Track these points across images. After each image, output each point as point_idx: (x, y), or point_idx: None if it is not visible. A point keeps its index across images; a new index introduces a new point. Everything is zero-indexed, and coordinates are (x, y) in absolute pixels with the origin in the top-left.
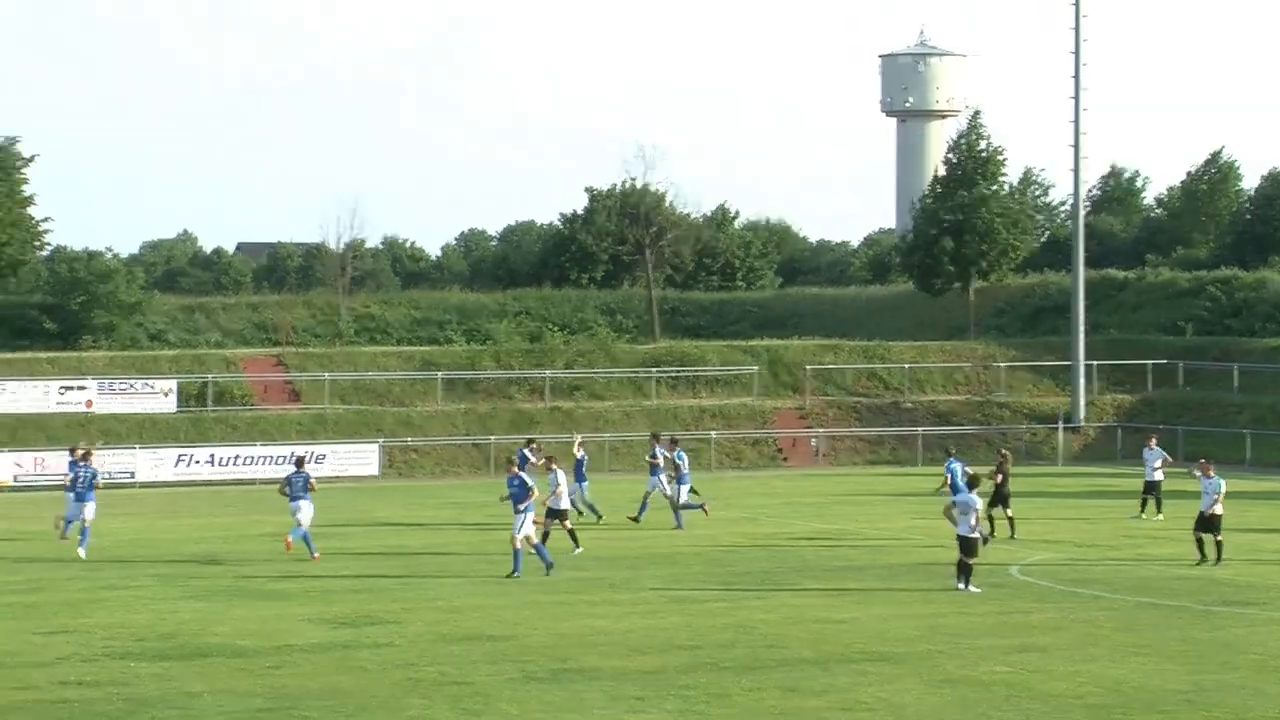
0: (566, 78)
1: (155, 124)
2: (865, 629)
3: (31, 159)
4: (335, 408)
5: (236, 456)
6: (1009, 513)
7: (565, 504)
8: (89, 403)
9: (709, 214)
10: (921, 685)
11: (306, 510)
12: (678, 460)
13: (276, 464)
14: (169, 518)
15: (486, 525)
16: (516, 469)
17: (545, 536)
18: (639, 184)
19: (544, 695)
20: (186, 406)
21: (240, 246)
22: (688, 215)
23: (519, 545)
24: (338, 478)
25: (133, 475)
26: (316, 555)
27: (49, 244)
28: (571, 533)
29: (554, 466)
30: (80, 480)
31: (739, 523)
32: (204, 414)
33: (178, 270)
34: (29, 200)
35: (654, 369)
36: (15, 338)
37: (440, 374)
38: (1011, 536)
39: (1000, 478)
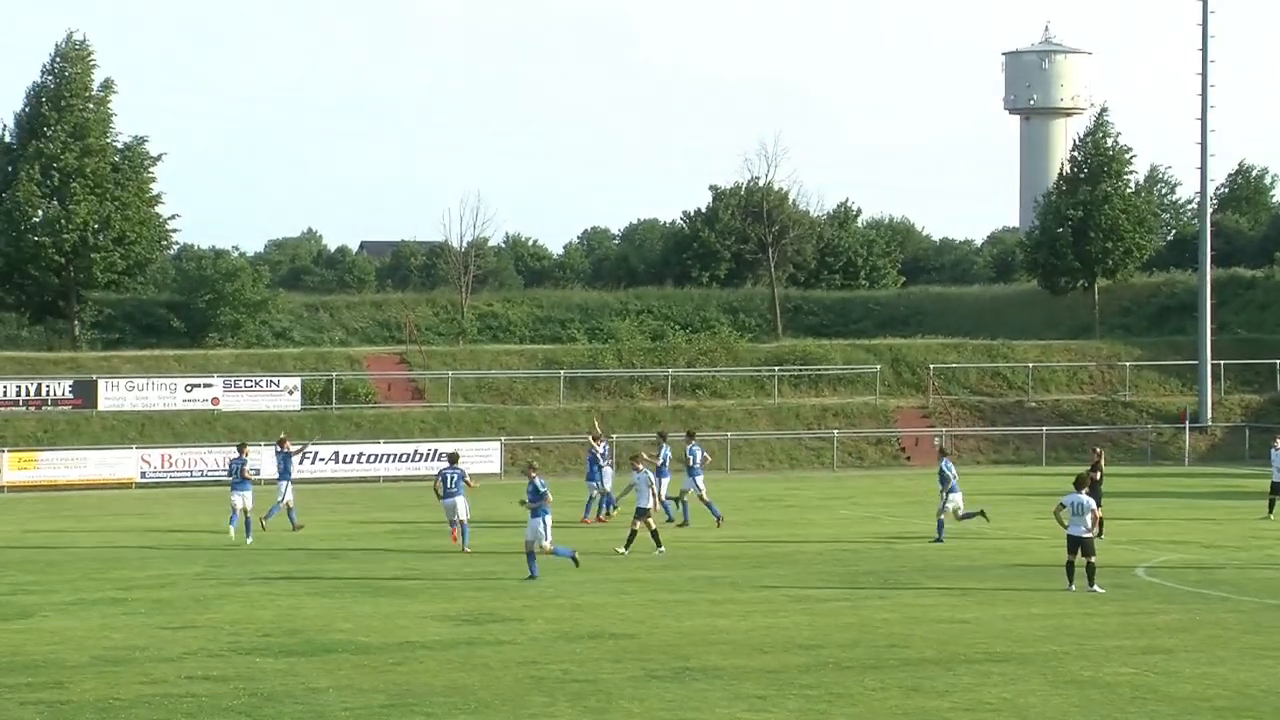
0: (691, 75)
1: (280, 123)
2: (989, 629)
3: (159, 158)
4: (458, 406)
5: (360, 454)
6: (1098, 512)
7: (649, 502)
8: (215, 400)
9: (831, 212)
10: (1046, 686)
11: (462, 505)
12: (689, 455)
13: (400, 461)
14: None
15: (608, 524)
16: (535, 473)
17: (632, 536)
18: (762, 182)
19: (666, 693)
20: (311, 404)
21: (364, 245)
22: (810, 213)
23: (535, 549)
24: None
25: (258, 472)
26: (467, 549)
27: (176, 243)
28: (654, 533)
29: (640, 466)
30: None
31: (861, 522)
32: (328, 411)
33: (302, 269)
34: (157, 199)
35: (776, 367)
36: (143, 335)
37: (562, 372)
38: (1099, 535)
39: (1098, 475)
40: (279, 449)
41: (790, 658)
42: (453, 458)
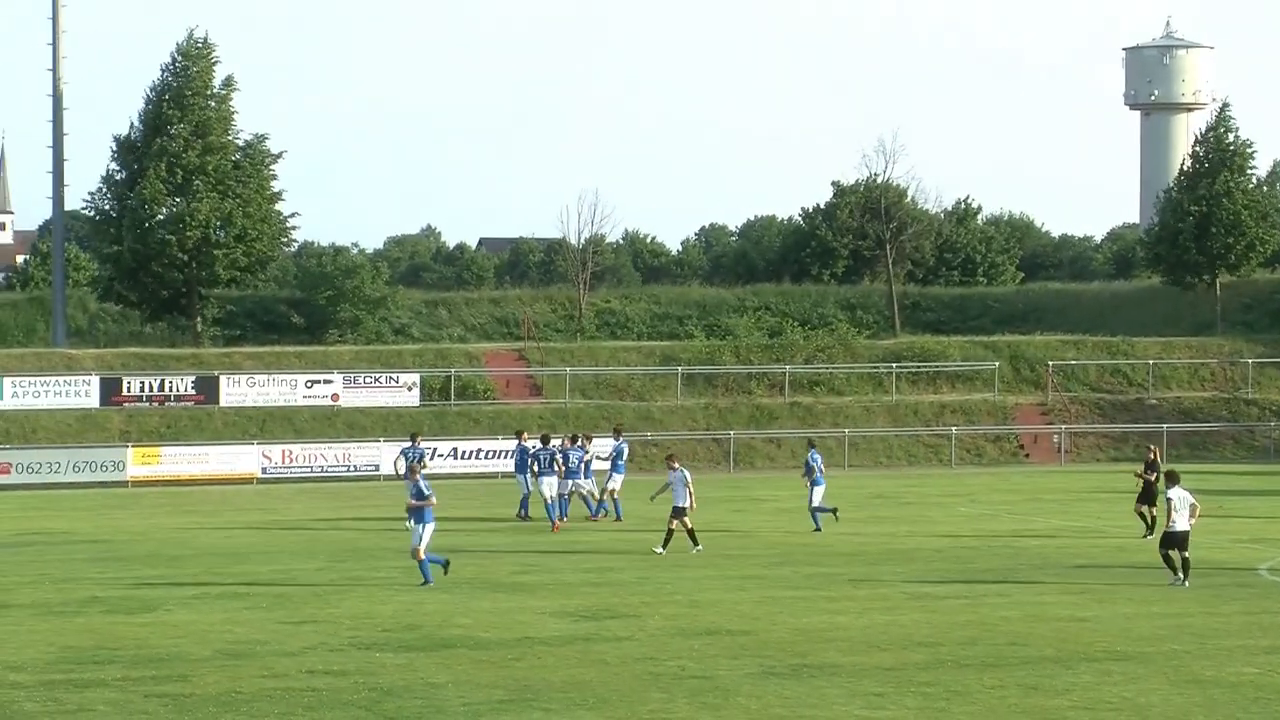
0: (810, 72)
1: (400, 120)
2: (1109, 627)
3: (280, 155)
4: (575, 402)
5: (479, 450)
6: (1153, 511)
7: (684, 501)
8: (335, 396)
9: (950, 208)
10: (1167, 685)
11: (550, 484)
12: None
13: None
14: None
15: (724, 523)
16: (418, 474)
17: (669, 536)
18: (880, 178)
19: (783, 690)
20: (429, 400)
21: (482, 242)
22: (929, 210)
23: (423, 556)
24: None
25: (377, 468)
26: (557, 525)
27: (297, 240)
28: (691, 532)
29: (675, 465)
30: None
31: (980, 519)
32: (446, 408)
33: (421, 265)
34: (277, 196)
35: (894, 364)
36: (264, 332)
37: (680, 369)
38: (1148, 535)
39: (1153, 475)
40: (411, 446)
41: (908, 655)
42: (544, 439)
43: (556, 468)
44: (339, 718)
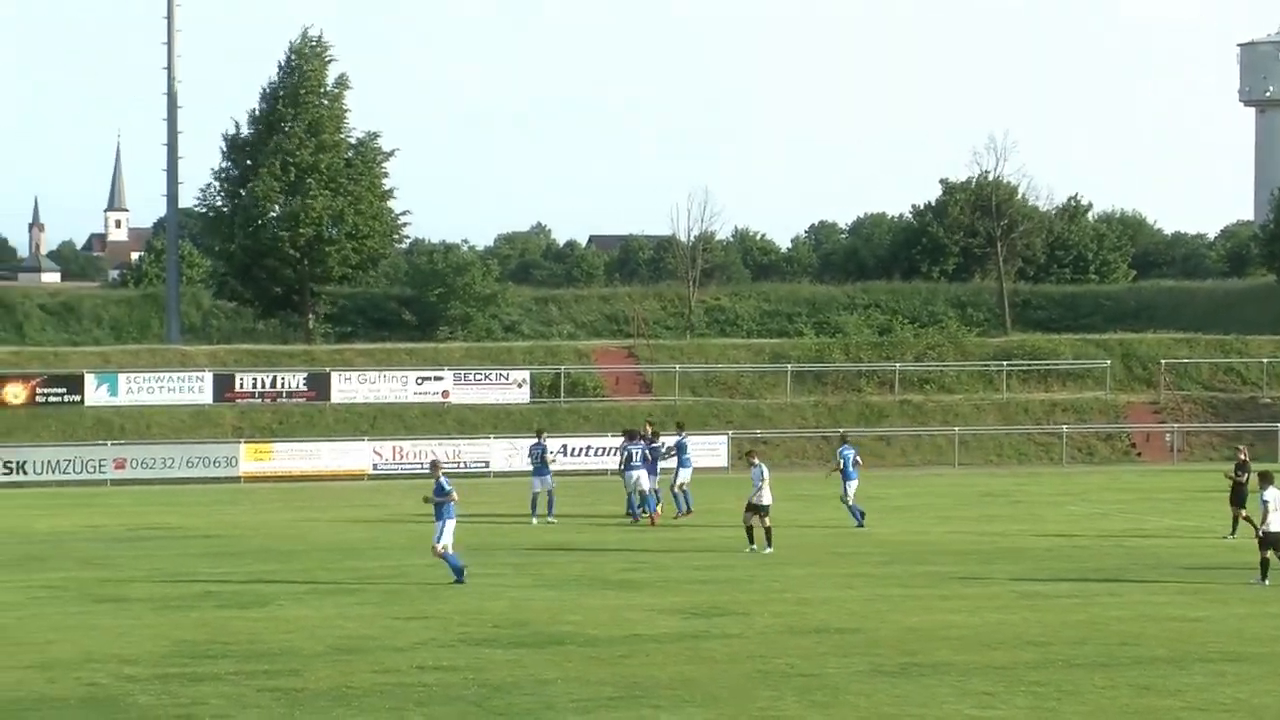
0: (920, 69)
1: (511, 118)
2: (1222, 628)
3: (391, 153)
4: (685, 399)
5: (588, 447)
6: (1243, 512)
7: (768, 499)
8: (445, 393)
9: (1061, 206)
10: None
11: (644, 479)
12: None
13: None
14: (521, 507)
15: (832, 521)
16: (441, 471)
17: (750, 532)
18: (991, 176)
19: (893, 689)
20: (539, 397)
21: (592, 239)
22: (1039, 207)
23: (441, 551)
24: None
25: (487, 465)
26: (653, 516)
27: (408, 237)
28: (768, 531)
29: (756, 460)
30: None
31: (1091, 518)
32: (556, 405)
33: (531, 263)
34: (389, 194)
35: (1004, 362)
36: (375, 328)
37: (789, 366)
38: (1230, 536)
39: (1244, 475)
40: (537, 441)
41: (1019, 654)
42: (629, 435)
43: (646, 461)
44: (449, 713)
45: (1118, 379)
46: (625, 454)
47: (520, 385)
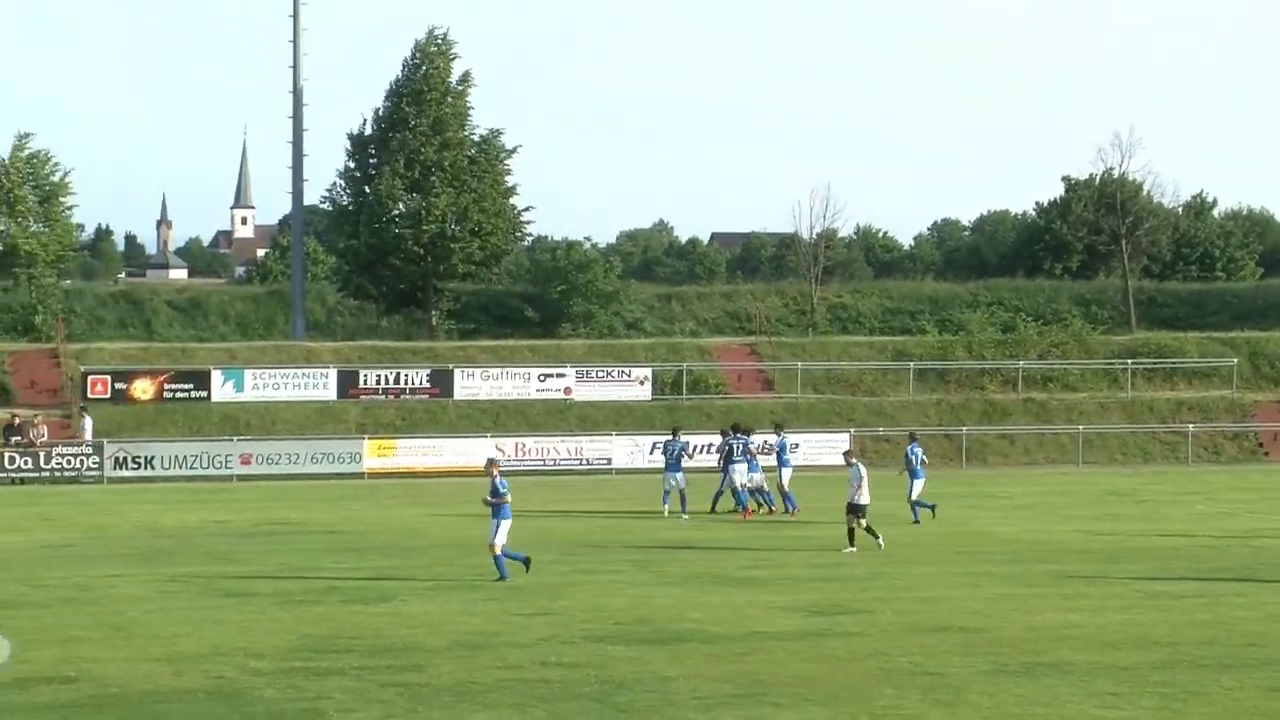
0: (1043, 66)
1: (631, 116)
2: None
3: (514, 150)
4: (807, 396)
5: (710, 445)
6: None
7: (865, 499)
8: (568, 390)
9: (1187, 202)
10: None
11: (741, 471)
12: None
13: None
14: (642, 504)
15: (956, 520)
16: (498, 470)
17: (851, 534)
18: (1116, 173)
19: (1016, 688)
20: (661, 394)
21: (714, 236)
22: (1165, 204)
23: (499, 551)
24: (809, 466)
25: (609, 462)
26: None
27: (530, 234)
28: (858, 531)
29: (854, 460)
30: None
31: (1217, 518)
32: (678, 402)
33: (654, 260)
34: (512, 191)
35: (1129, 360)
36: (497, 325)
37: (912, 364)
38: None
39: None
40: (672, 439)
41: (1144, 655)
42: (736, 427)
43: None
44: (572, 709)
45: (1244, 377)
46: (726, 449)
47: (642, 382)
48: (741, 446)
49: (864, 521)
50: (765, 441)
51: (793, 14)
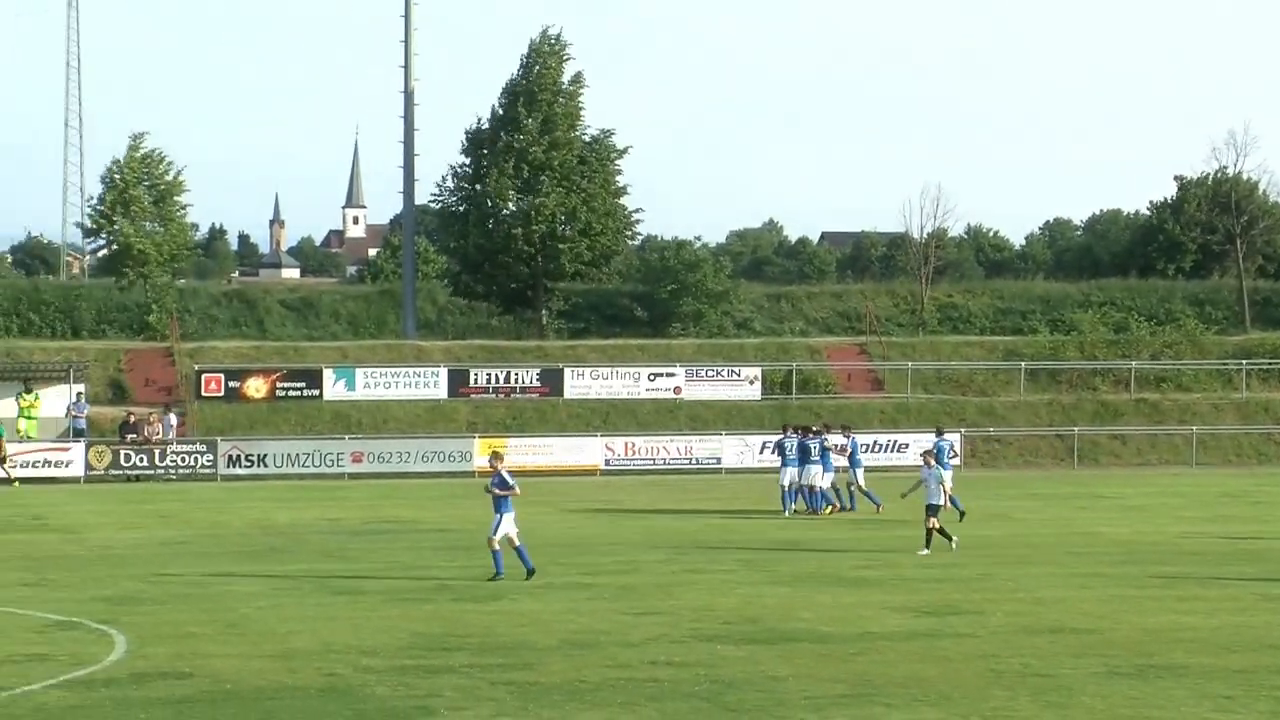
0: (1157, 63)
1: (742, 115)
2: None
3: (625, 150)
4: (917, 397)
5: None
6: None
7: (939, 499)
8: (677, 389)
9: None
10: None
11: (819, 475)
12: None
13: (860, 452)
14: (753, 504)
15: (1067, 520)
16: (502, 464)
17: (930, 535)
18: (1230, 172)
19: (1128, 691)
20: (770, 394)
21: (824, 236)
22: None
23: (498, 546)
24: (920, 466)
25: (719, 461)
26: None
27: (640, 234)
28: (941, 530)
29: (931, 462)
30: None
31: None
32: (788, 402)
33: (763, 259)
34: (622, 191)
35: (1244, 361)
36: (607, 325)
37: (1023, 364)
38: None
39: None
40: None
41: (1259, 658)
42: (815, 427)
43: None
44: (681, 709)
45: None
46: (801, 449)
47: (752, 382)
48: (819, 447)
49: (934, 522)
50: (837, 443)
51: (904, 10)
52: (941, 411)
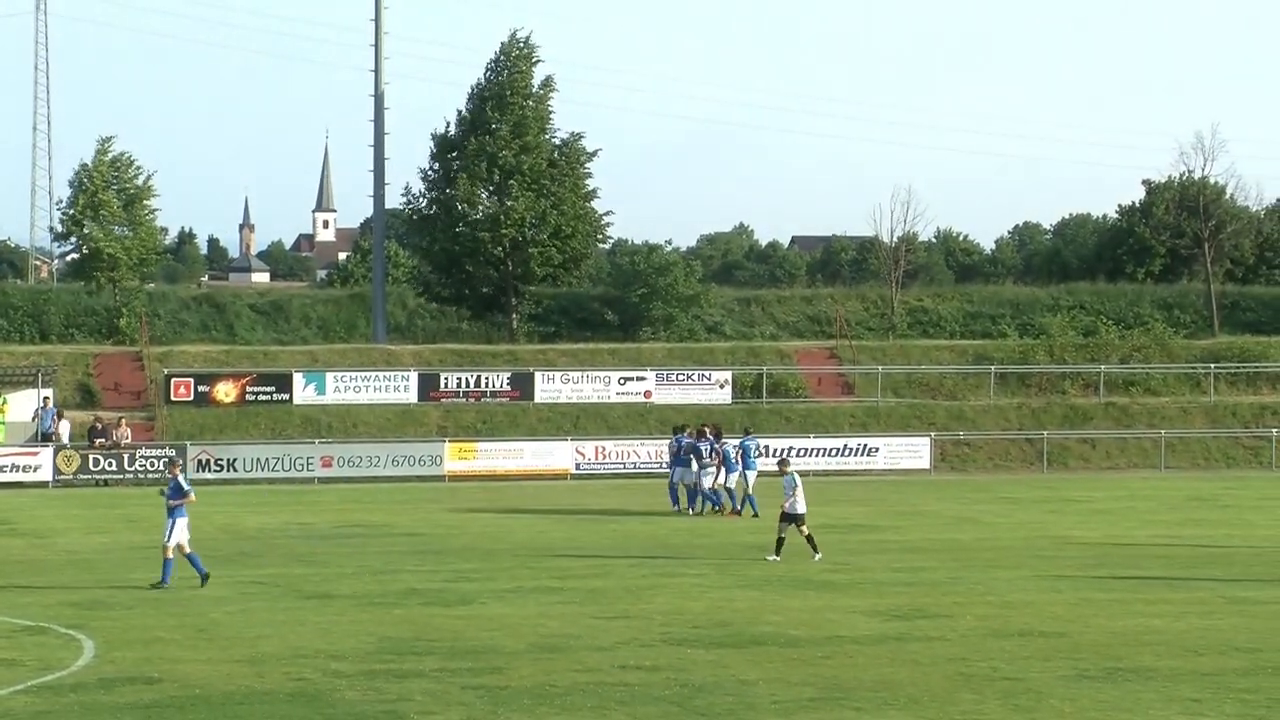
0: (1125, 67)
1: (711, 120)
2: None
3: (594, 154)
4: (888, 401)
5: (790, 448)
6: None
7: (801, 508)
8: (647, 393)
9: (1271, 206)
10: None
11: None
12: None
13: (829, 456)
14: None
15: (1037, 524)
16: (179, 470)
17: (779, 542)
18: (1198, 176)
19: (1097, 694)
20: (741, 398)
21: (795, 240)
22: (1249, 208)
23: (171, 554)
24: (889, 470)
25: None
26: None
27: (610, 237)
28: (809, 538)
29: (786, 469)
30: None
31: None
32: (758, 405)
33: (734, 263)
34: (592, 195)
35: (1212, 365)
36: (578, 329)
37: (993, 368)
38: None
39: None
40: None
41: (1227, 661)
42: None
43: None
44: (651, 713)
45: None
46: (694, 450)
47: (722, 386)
48: (709, 449)
49: (805, 530)
50: (736, 445)
51: (871, 17)
52: (911, 415)
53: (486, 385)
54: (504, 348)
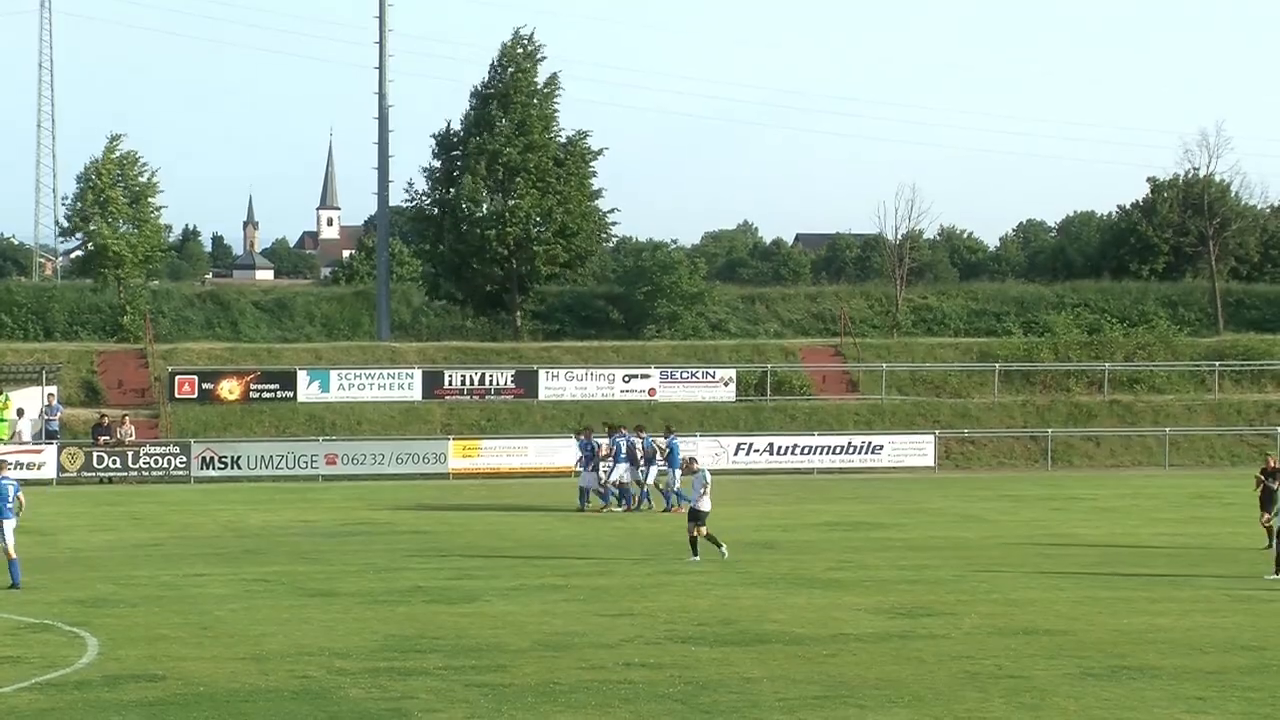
0: (1130, 64)
1: (717, 117)
2: None
3: (600, 153)
4: (892, 398)
5: (794, 446)
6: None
7: (706, 506)
8: (652, 391)
9: (1276, 204)
10: None
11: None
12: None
13: (834, 454)
14: (728, 505)
15: (1041, 522)
16: (6, 471)
17: (694, 543)
18: (1203, 173)
19: (1101, 692)
20: (745, 395)
21: (799, 238)
22: (1253, 205)
23: (13, 555)
24: (894, 468)
25: (694, 463)
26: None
27: (615, 236)
28: (710, 537)
29: (697, 467)
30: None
31: None
32: (762, 403)
33: (738, 261)
34: (597, 193)
35: (1217, 362)
36: (582, 327)
37: (997, 365)
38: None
39: (1276, 482)
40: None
41: (1231, 659)
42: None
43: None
44: (655, 710)
45: None
46: (615, 448)
47: (726, 384)
48: (627, 445)
49: (704, 529)
50: (657, 444)
51: (875, 15)
52: (916, 413)
53: (491, 383)
54: (508, 345)
